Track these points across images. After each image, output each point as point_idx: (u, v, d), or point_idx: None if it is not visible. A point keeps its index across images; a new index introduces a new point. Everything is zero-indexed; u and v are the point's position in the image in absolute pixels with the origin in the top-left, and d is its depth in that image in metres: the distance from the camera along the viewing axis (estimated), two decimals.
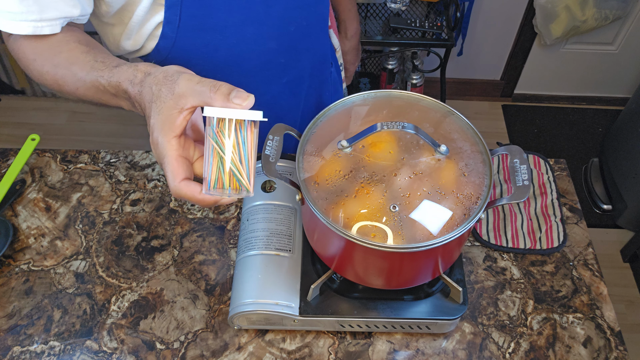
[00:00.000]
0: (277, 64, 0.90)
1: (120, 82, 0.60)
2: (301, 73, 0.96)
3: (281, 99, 0.97)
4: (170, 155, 0.54)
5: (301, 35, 0.89)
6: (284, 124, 0.72)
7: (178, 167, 0.55)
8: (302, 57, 0.94)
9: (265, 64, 0.89)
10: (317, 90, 1.03)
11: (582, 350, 0.79)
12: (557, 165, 1.02)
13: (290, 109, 1.00)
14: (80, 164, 1.01)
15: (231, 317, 0.76)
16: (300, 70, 0.95)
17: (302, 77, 0.97)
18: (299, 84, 0.98)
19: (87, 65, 0.65)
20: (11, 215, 0.94)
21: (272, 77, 0.92)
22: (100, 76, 0.63)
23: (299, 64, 0.94)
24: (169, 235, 0.91)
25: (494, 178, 0.98)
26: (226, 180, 0.54)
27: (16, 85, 2.38)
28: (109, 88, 0.62)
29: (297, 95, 0.99)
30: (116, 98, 0.64)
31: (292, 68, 0.93)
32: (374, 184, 0.64)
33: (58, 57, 0.68)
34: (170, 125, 0.54)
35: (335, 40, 1.10)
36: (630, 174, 1.91)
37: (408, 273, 0.71)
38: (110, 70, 0.62)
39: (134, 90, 0.58)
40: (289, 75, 0.94)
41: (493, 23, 2.15)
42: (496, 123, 2.39)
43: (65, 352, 0.79)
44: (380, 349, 0.79)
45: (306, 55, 0.94)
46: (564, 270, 0.88)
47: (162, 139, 0.54)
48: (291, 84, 0.96)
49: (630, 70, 2.32)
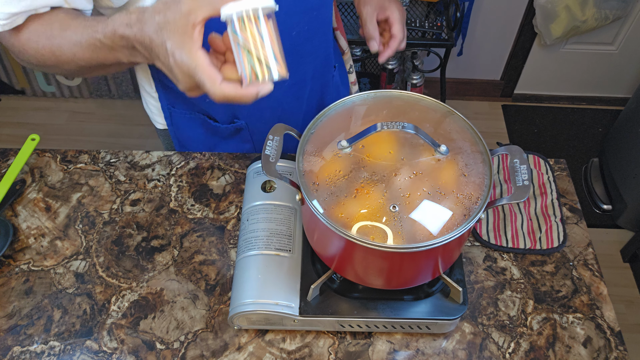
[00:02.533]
0: None
1: (115, 29, 0.61)
2: (304, 77, 0.96)
3: (284, 102, 0.97)
4: (201, 64, 0.57)
5: (303, 39, 0.89)
6: (284, 124, 0.72)
7: (213, 72, 0.57)
8: (304, 61, 0.93)
9: None
10: (318, 93, 1.03)
11: (582, 350, 0.79)
12: (557, 165, 1.02)
13: (292, 112, 1.00)
14: (80, 164, 1.01)
15: (231, 317, 0.76)
16: (302, 74, 0.95)
17: (304, 80, 0.97)
18: (301, 87, 0.97)
19: (80, 26, 0.67)
20: (11, 215, 0.94)
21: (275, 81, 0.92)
22: (95, 31, 0.64)
23: (301, 68, 0.94)
24: (169, 235, 0.91)
25: (494, 178, 0.98)
26: (259, 70, 0.58)
27: (16, 85, 2.38)
28: (105, 41, 0.63)
29: (299, 99, 0.99)
30: (114, 51, 0.64)
31: (295, 72, 0.93)
32: (374, 184, 0.64)
33: (51, 28, 0.69)
34: (190, 41, 0.56)
35: (343, 42, 1.08)
36: (630, 174, 1.91)
37: (408, 273, 0.71)
38: (103, 23, 0.64)
39: (132, 32, 0.59)
40: (291, 79, 0.93)
41: (493, 23, 2.15)
42: (496, 123, 2.40)
43: (65, 352, 0.79)
44: (380, 349, 0.79)
45: (308, 59, 0.94)
46: (564, 270, 0.88)
47: (187, 55, 0.56)
48: (293, 88, 0.96)
49: (630, 70, 2.32)
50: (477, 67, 2.35)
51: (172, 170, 1.00)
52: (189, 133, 1.03)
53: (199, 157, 1.02)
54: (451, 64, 2.29)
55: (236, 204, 0.95)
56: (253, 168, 0.88)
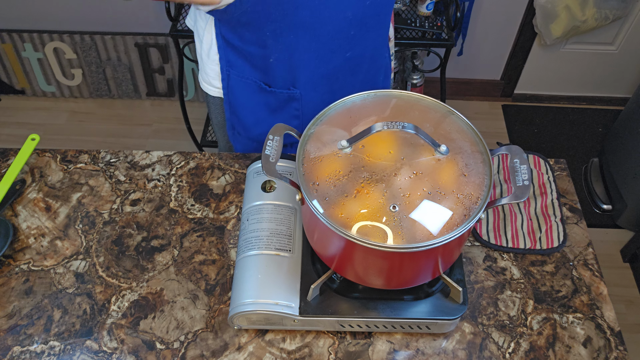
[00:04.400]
0: (347, 35, 0.92)
1: None
2: (363, 52, 0.98)
3: (340, 74, 0.99)
4: None
5: (373, 12, 0.91)
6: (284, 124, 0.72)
7: None
8: (368, 35, 0.95)
9: (337, 32, 0.90)
10: (373, 72, 1.05)
11: (582, 350, 0.79)
12: (557, 165, 1.02)
13: (346, 86, 1.02)
14: (80, 164, 1.01)
15: (231, 317, 0.76)
16: (363, 48, 0.97)
17: (363, 56, 0.98)
18: (359, 62, 0.99)
19: None
20: (11, 215, 0.94)
21: (338, 48, 0.94)
22: None
23: (364, 42, 0.96)
24: (169, 235, 0.91)
25: (494, 178, 0.98)
26: None
27: (16, 85, 2.38)
28: None
29: (355, 74, 1.01)
30: None
31: (357, 44, 0.95)
32: (374, 184, 0.64)
33: None
34: None
35: (391, 29, 1.11)
36: (630, 174, 1.91)
37: (408, 273, 0.71)
38: None
39: None
40: (353, 50, 0.95)
41: (493, 23, 2.15)
42: (496, 123, 2.39)
43: (65, 352, 0.79)
44: (380, 349, 0.79)
45: (371, 35, 0.96)
46: (564, 270, 0.88)
47: None
48: (351, 62, 0.98)
49: (630, 70, 2.32)
50: (477, 67, 2.35)
51: (172, 170, 1.00)
52: (242, 99, 1.04)
53: (199, 157, 1.02)
54: (451, 64, 2.29)
55: (236, 204, 0.95)
56: (253, 168, 0.88)
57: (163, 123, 2.34)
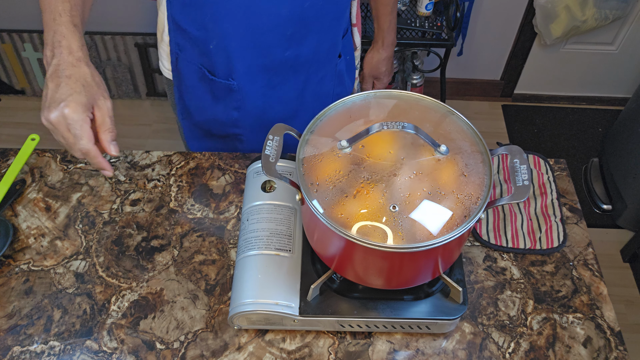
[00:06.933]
0: (284, 32, 0.92)
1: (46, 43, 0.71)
2: (305, 53, 0.98)
3: (280, 69, 0.99)
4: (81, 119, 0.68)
5: (313, 14, 0.91)
6: (284, 124, 0.72)
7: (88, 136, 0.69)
8: (310, 37, 0.95)
9: (273, 27, 0.91)
10: (320, 78, 1.05)
11: (582, 350, 0.79)
12: (557, 165, 1.02)
13: (285, 81, 1.02)
14: (80, 163, 1.01)
15: (231, 317, 0.76)
16: (305, 49, 0.97)
17: (305, 57, 0.99)
18: (301, 62, 1.00)
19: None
20: (11, 215, 0.94)
21: (276, 43, 0.94)
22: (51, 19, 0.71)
23: (305, 43, 0.96)
24: (169, 235, 0.91)
25: (494, 178, 0.98)
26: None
27: (16, 85, 2.38)
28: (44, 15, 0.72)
29: (297, 73, 1.01)
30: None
31: (297, 44, 0.95)
32: (373, 184, 0.64)
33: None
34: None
35: (358, 38, 1.13)
36: (630, 174, 1.91)
37: (408, 273, 0.71)
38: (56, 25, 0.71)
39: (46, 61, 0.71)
40: (292, 49, 0.96)
41: (493, 23, 2.15)
42: (496, 123, 2.39)
43: (65, 352, 0.79)
44: (380, 349, 0.79)
45: (314, 37, 0.96)
46: (564, 270, 0.88)
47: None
48: (292, 60, 0.98)
49: (630, 70, 2.32)
50: (477, 67, 2.35)
51: (172, 170, 1.00)
52: (188, 84, 1.05)
53: (199, 157, 1.02)
54: (451, 64, 2.29)
55: (236, 204, 0.95)
56: (253, 168, 0.88)
57: (163, 123, 2.34)
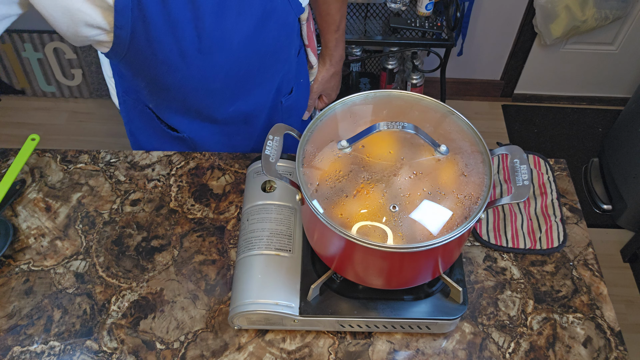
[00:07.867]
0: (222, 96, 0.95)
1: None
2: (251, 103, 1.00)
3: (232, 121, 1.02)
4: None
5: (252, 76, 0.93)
6: (284, 124, 0.72)
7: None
8: (253, 92, 0.97)
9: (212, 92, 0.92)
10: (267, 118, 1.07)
11: (582, 350, 0.79)
12: (557, 165, 1.02)
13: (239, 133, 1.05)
14: (80, 164, 1.01)
15: (231, 317, 0.76)
16: (251, 99, 0.99)
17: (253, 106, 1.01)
18: (251, 115, 1.02)
19: None
20: (11, 215, 0.94)
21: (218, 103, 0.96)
22: None
23: (250, 97, 0.98)
24: (169, 235, 0.91)
25: (494, 178, 0.98)
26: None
27: (16, 85, 2.38)
28: None
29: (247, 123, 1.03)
30: None
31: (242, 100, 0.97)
32: (373, 184, 0.64)
33: None
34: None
35: (313, 57, 1.10)
36: (630, 174, 1.91)
37: (408, 273, 0.71)
38: None
39: None
40: (237, 105, 0.98)
41: (493, 23, 2.15)
42: (496, 123, 2.39)
43: (65, 352, 0.79)
44: (380, 349, 0.79)
45: (257, 91, 0.98)
46: (564, 270, 0.88)
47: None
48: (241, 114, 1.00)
49: (630, 70, 2.32)
50: (477, 67, 2.35)
51: (172, 170, 1.00)
52: (138, 124, 1.06)
53: (199, 157, 1.02)
54: (451, 64, 2.29)
55: (236, 204, 0.95)
56: (253, 168, 0.88)
57: None
